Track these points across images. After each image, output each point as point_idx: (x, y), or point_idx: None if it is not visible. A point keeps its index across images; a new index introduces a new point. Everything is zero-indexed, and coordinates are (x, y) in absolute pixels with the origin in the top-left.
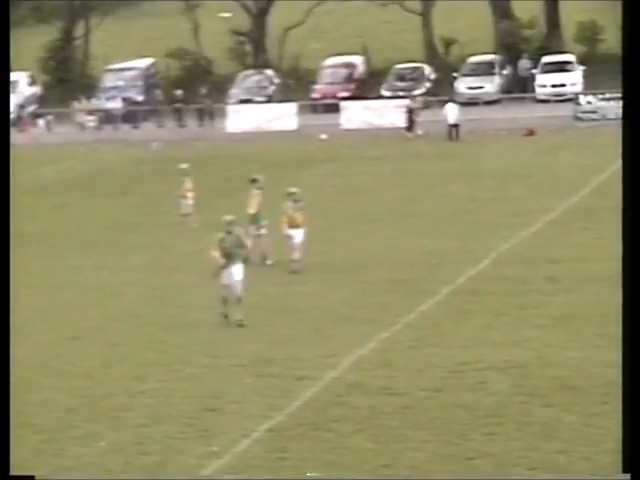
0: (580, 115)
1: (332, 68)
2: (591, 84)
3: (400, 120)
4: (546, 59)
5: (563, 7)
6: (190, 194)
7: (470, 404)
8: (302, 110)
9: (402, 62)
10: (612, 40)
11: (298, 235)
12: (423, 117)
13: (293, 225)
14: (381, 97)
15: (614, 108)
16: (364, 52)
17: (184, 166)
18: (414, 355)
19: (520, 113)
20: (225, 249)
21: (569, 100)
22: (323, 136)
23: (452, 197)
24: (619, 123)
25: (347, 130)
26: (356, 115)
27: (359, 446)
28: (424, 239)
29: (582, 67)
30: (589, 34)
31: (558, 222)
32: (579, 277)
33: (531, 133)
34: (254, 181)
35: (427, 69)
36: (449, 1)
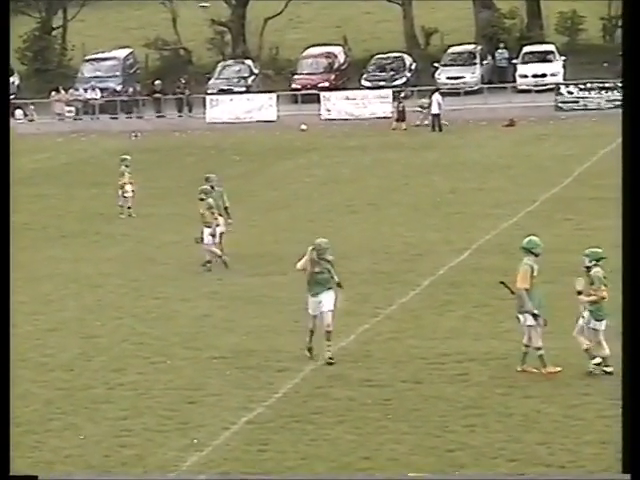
0: (561, 105)
1: (312, 58)
2: (572, 74)
3: (381, 110)
4: (527, 49)
5: None
6: (129, 187)
7: (451, 396)
8: (282, 100)
9: (382, 52)
10: (593, 30)
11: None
12: (401, 108)
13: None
14: (361, 87)
15: (595, 98)
16: (344, 42)
17: (125, 157)
18: (394, 347)
19: (501, 103)
20: (314, 275)
21: (550, 90)
22: (303, 126)
23: (433, 188)
24: (601, 113)
25: (327, 120)
26: (336, 105)
27: (339, 438)
28: (404, 230)
29: (563, 57)
30: (570, 24)
31: (539, 213)
32: (560, 268)
33: (512, 123)
34: (207, 180)
35: (407, 59)
36: None
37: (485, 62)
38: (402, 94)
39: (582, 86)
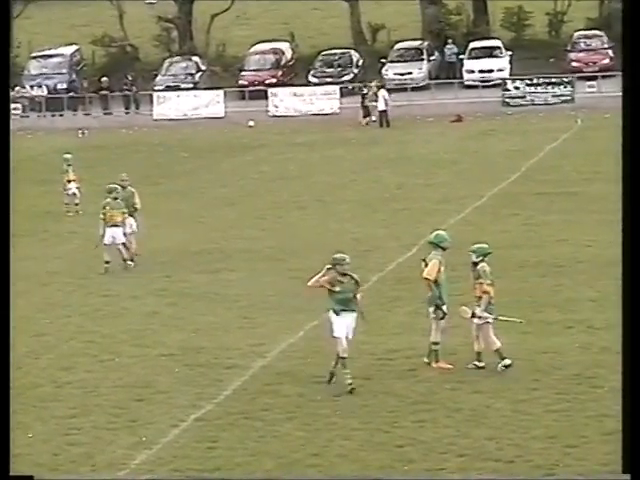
0: (508, 101)
1: (259, 55)
2: (519, 69)
3: (328, 106)
4: (473, 45)
5: None
6: (73, 184)
7: (400, 391)
8: (229, 97)
9: (329, 48)
10: (538, 25)
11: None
12: (350, 103)
13: (114, 223)
14: (309, 84)
15: (542, 93)
16: (291, 38)
17: (67, 155)
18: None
19: (448, 99)
20: (337, 295)
21: (497, 86)
22: (251, 123)
23: (380, 184)
24: (548, 108)
25: (275, 117)
26: (284, 102)
27: (289, 434)
28: (352, 226)
29: (509, 52)
30: (516, 20)
31: (486, 208)
32: (508, 264)
33: (459, 119)
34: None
35: (355, 55)
36: None
37: (432, 58)
38: (364, 90)
39: (529, 81)
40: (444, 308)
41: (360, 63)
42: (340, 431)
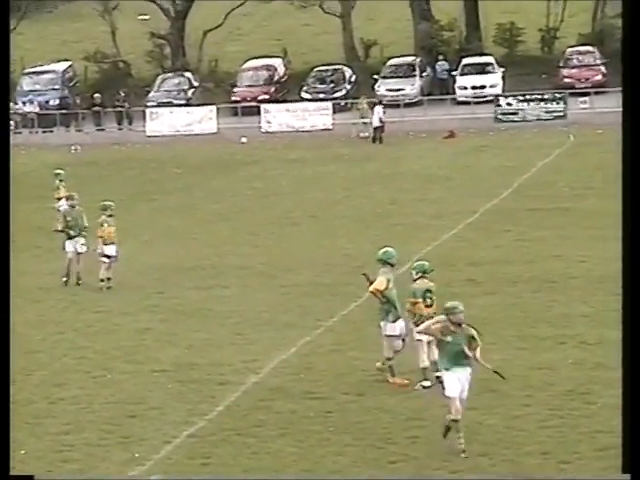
0: (500, 117)
1: (251, 71)
2: (511, 85)
3: (321, 122)
4: (466, 61)
5: (483, 9)
6: (64, 201)
7: (393, 407)
8: (222, 113)
9: (322, 64)
10: (531, 42)
11: (112, 251)
12: (343, 119)
13: (108, 241)
14: (301, 100)
15: (534, 109)
16: (284, 54)
17: (59, 171)
18: (336, 359)
19: (441, 115)
20: (447, 346)
21: (489, 102)
22: (243, 139)
23: (373, 200)
24: (540, 124)
25: (268, 133)
26: (276, 118)
27: (281, 451)
28: (345, 242)
29: (502, 69)
30: (508, 36)
31: (479, 224)
32: (500, 279)
33: (452, 135)
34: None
35: (347, 71)
36: (369, 2)
37: (424, 74)
38: (359, 106)
39: (521, 97)
40: (397, 324)
41: (353, 79)
42: (333, 447)
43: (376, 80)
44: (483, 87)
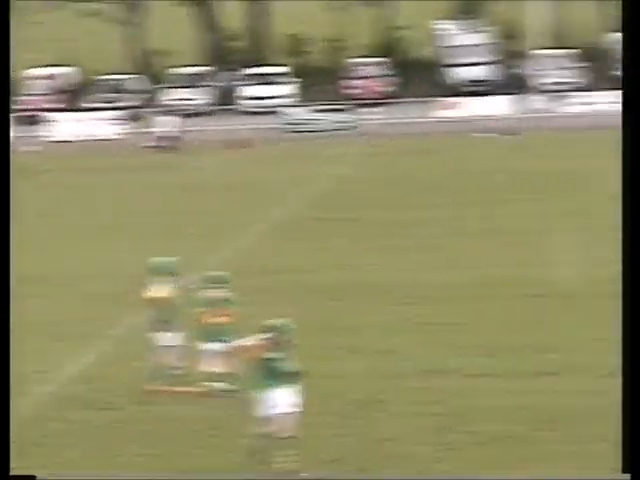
0: (289, 127)
1: (37, 79)
2: (300, 96)
3: (110, 131)
4: (252, 71)
5: (271, 19)
6: None
7: (184, 416)
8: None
9: (111, 73)
10: (318, 52)
11: None
12: (132, 129)
13: None
14: (90, 109)
15: (323, 120)
16: (71, 63)
17: None
18: (128, 369)
19: (229, 125)
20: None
21: (277, 112)
22: (30, 148)
23: (162, 211)
24: (329, 135)
25: (55, 142)
26: (63, 127)
27: (74, 461)
28: (133, 252)
29: (289, 79)
30: (296, 47)
31: (269, 234)
32: (294, 288)
33: (240, 145)
34: None
35: (136, 80)
36: (160, 12)
37: (213, 84)
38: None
39: (310, 108)
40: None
41: (141, 88)
42: (123, 457)
43: (164, 89)
44: (270, 97)
